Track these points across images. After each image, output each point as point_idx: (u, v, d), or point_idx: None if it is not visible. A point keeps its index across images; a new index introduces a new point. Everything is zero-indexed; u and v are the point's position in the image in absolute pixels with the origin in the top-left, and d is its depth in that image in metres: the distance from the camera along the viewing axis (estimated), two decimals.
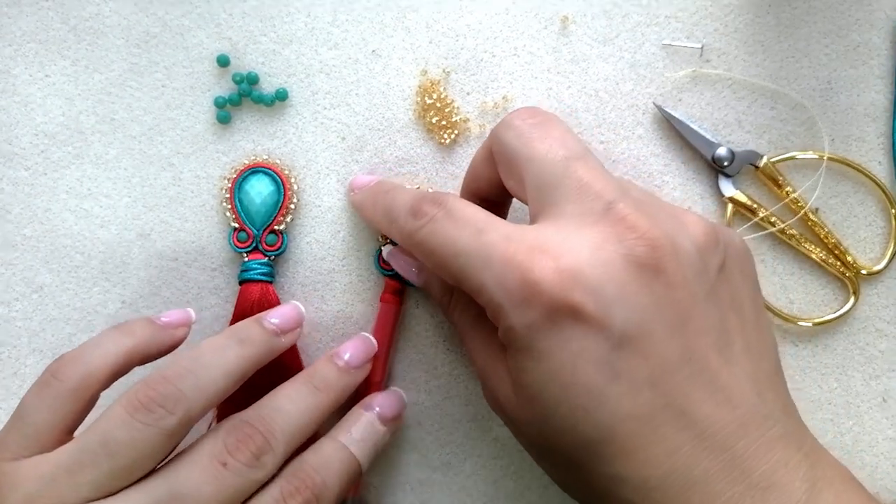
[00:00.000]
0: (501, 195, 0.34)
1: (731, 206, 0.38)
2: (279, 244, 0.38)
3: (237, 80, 0.39)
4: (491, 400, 0.31)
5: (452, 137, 0.39)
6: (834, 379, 0.38)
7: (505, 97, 0.39)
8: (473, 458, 0.38)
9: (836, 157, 0.38)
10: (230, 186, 0.38)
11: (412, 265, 0.36)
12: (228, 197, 0.38)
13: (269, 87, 0.39)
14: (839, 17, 0.39)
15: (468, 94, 0.39)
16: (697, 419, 0.27)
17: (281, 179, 0.38)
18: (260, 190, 0.38)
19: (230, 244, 0.38)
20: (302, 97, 0.39)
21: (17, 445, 0.29)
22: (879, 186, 0.38)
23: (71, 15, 0.39)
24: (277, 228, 0.38)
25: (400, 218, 0.32)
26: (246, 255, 0.38)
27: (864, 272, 0.38)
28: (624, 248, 0.27)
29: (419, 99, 0.39)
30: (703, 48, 0.39)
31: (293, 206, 0.38)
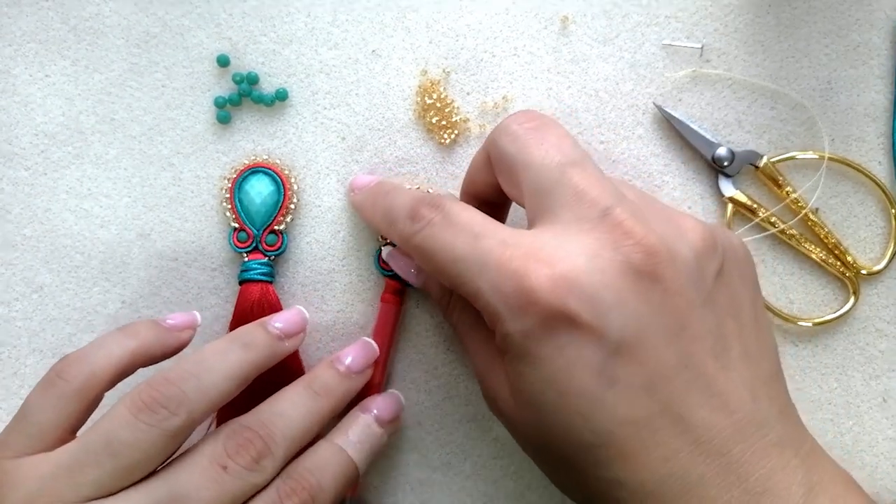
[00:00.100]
0: (500, 198, 0.34)
1: (731, 206, 0.38)
2: (279, 244, 0.38)
3: (237, 80, 0.39)
4: (489, 402, 0.31)
5: (452, 137, 0.39)
6: (834, 379, 0.38)
7: (505, 97, 0.39)
8: (473, 458, 0.39)
9: (836, 157, 0.38)
10: (230, 186, 0.38)
11: (411, 266, 0.36)
12: (228, 197, 0.38)
13: (269, 87, 0.39)
14: (839, 17, 0.39)
15: (468, 94, 0.39)
16: (694, 424, 0.27)
17: (281, 179, 0.38)
18: (260, 190, 0.38)
19: (230, 244, 0.38)
20: (302, 97, 0.39)
21: (19, 444, 0.29)
22: (879, 186, 0.38)
23: (71, 15, 0.39)
24: (277, 228, 0.38)
25: (398, 221, 0.32)
26: (246, 255, 0.38)
27: (864, 272, 0.38)
28: (620, 255, 0.27)
29: (419, 99, 0.39)
30: (703, 48, 0.38)
31: (293, 206, 0.38)
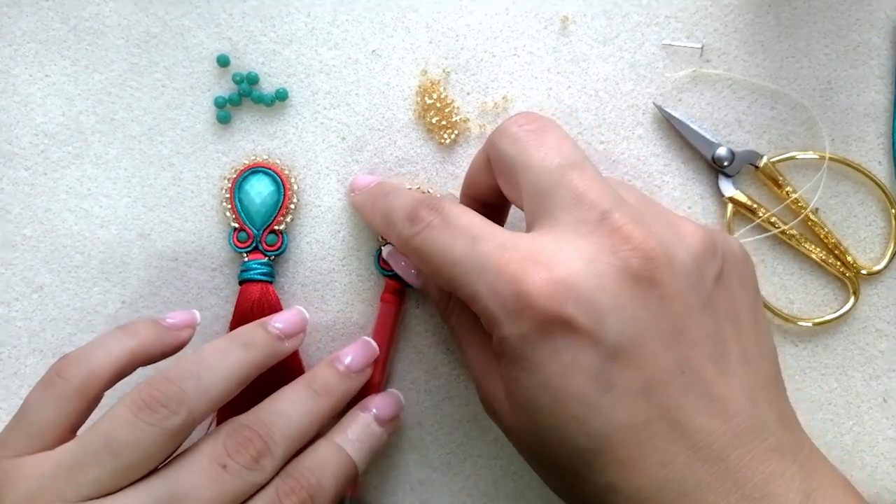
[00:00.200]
0: (500, 200, 0.34)
1: (731, 206, 0.38)
2: (279, 244, 0.38)
3: (237, 80, 0.39)
4: (486, 406, 0.31)
5: (452, 137, 0.39)
6: (834, 379, 0.38)
7: (505, 97, 0.39)
8: (473, 458, 0.38)
9: (836, 157, 0.38)
10: (230, 186, 0.38)
11: (411, 267, 0.36)
12: (228, 197, 0.38)
13: (269, 87, 0.39)
14: (839, 17, 0.39)
15: (468, 94, 0.39)
16: (691, 430, 0.26)
17: (281, 179, 0.38)
18: (260, 190, 0.38)
19: (230, 244, 0.38)
20: (302, 97, 0.39)
21: (19, 443, 0.29)
22: (879, 186, 0.38)
23: (71, 15, 0.39)
24: (277, 228, 0.38)
25: (397, 223, 0.31)
26: (246, 255, 0.38)
27: (864, 272, 0.38)
28: (618, 259, 0.27)
29: (419, 99, 0.39)
30: (703, 48, 0.38)
31: (293, 206, 0.38)
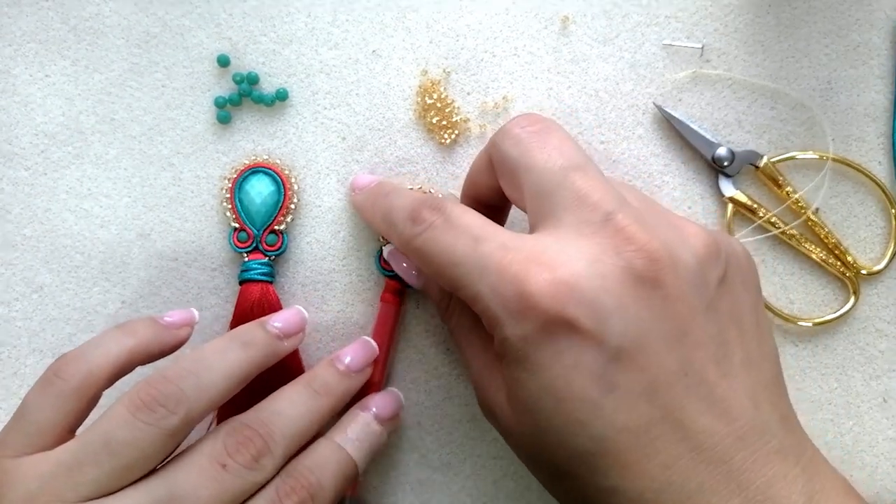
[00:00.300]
0: (501, 201, 0.34)
1: (731, 206, 0.38)
2: (279, 244, 0.38)
3: (237, 80, 0.39)
4: (485, 409, 0.31)
5: (453, 137, 0.39)
6: (834, 379, 0.38)
7: (505, 97, 0.39)
8: (473, 458, 0.38)
9: (836, 157, 0.38)
10: (230, 186, 0.38)
11: (412, 267, 0.36)
12: (228, 197, 0.38)
13: (269, 87, 0.39)
14: (839, 17, 0.39)
15: (468, 94, 0.39)
16: (694, 432, 0.26)
17: (281, 179, 0.38)
18: (260, 190, 0.38)
19: (230, 244, 0.38)
20: (302, 97, 0.39)
21: (18, 443, 0.29)
22: (879, 186, 0.38)
23: (71, 15, 0.39)
24: (277, 228, 0.38)
25: (398, 223, 0.31)
26: (246, 255, 0.38)
27: (864, 272, 0.38)
28: (622, 260, 0.27)
29: (419, 99, 0.39)
30: (703, 48, 0.38)
31: (293, 206, 0.38)
